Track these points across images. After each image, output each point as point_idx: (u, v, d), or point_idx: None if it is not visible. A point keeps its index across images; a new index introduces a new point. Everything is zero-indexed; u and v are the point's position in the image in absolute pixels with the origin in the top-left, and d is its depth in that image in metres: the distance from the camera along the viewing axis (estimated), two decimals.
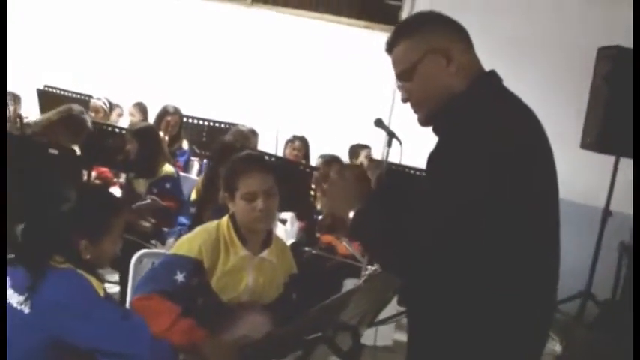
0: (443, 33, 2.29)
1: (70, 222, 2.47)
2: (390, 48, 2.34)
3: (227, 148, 4.95)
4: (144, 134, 5.79)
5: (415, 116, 2.37)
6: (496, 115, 2.17)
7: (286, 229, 6.45)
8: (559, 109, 6.95)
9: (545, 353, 5.93)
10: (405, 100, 2.35)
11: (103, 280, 2.57)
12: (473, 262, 2.07)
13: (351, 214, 2.26)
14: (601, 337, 5.65)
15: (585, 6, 7.21)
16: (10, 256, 2.52)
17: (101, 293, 2.42)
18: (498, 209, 2.05)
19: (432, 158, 2.21)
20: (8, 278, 2.52)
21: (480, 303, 2.16)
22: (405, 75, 2.31)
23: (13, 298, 2.42)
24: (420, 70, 2.26)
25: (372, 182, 2.57)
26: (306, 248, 5.69)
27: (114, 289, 5.25)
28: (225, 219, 3.21)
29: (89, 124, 5.52)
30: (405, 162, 5.20)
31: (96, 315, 2.36)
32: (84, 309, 2.35)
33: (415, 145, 2.27)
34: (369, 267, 4.42)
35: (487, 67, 2.33)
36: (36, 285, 2.36)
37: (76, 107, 5.61)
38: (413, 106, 2.34)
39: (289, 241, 5.91)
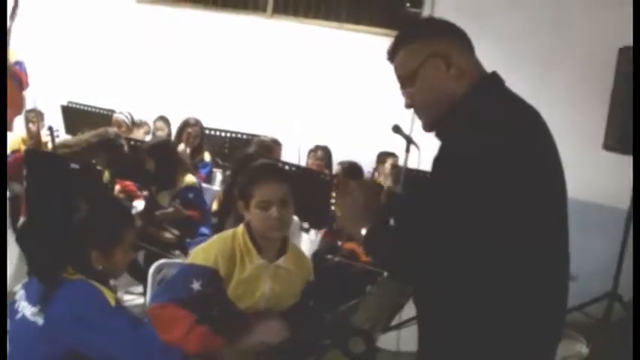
0: (442, 38, 2.30)
1: (81, 233, 2.49)
2: (392, 56, 2.36)
3: (247, 159, 4.97)
4: (158, 149, 5.86)
5: None
6: (498, 117, 2.17)
7: (310, 237, 6.46)
8: (581, 111, 6.93)
9: (572, 355, 5.92)
10: (408, 106, 2.36)
11: (114, 291, 2.59)
12: (481, 265, 2.07)
13: (364, 231, 2.27)
14: (627, 339, 5.59)
15: (607, 6, 7.16)
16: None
17: (112, 303, 2.44)
18: (504, 211, 2.05)
19: (436, 163, 2.22)
20: (23, 291, 2.55)
21: (489, 304, 2.15)
22: (406, 81, 2.32)
23: (27, 309, 2.45)
24: (421, 76, 2.28)
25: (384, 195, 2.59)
26: (329, 256, 5.70)
27: (138, 300, 5.30)
28: (240, 227, 3.23)
29: (125, 148, 5.62)
30: (424, 167, 5.20)
31: (107, 325, 2.37)
32: (95, 320, 2.37)
33: (434, 151, 2.29)
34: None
35: (511, 71, 2.33)
36: (48, 297, 2.38)
37: (112, 131, 5.70)
38: (416, 111, 2.36)
39: (313, 250, 5.94)
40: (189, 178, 5.84)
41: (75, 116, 7.52)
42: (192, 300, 2.98)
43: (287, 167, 5.56)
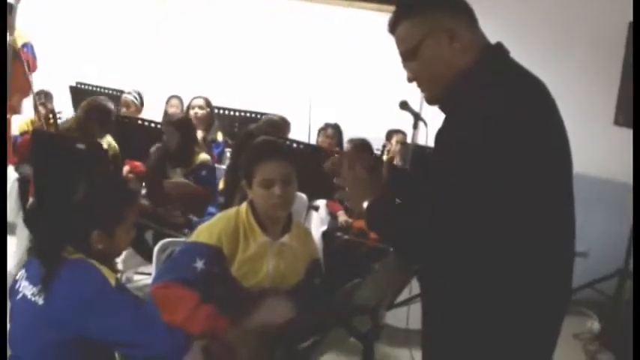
0: (445, 11, 2.25)
1: (82, 212, 2.47)
2: (392, 28, 2.32)
3: (248, 136, 4.95)
4: (183, 124, 5.90)
5: None
6: (504, 89, 2.13)
7: (320, 216, 6.44)
8: (592, 87, 6.86)
9: (583, 332, 5.91)
10: (410, 80, 2.33)
11: (115, 270, 2.57)
12: (484, 241, 2.04)
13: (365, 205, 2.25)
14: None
15: None
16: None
17: (113, 283, 2.42)
18: (509, 185, 2.01)
19: (440, 136, 2.18)
20: (24, 270, 2.54)
21: (495, 282, 2.13)
22: (408, 55, 2.28)
23: (28, 289, 2.44)
24: (424, 51, 2.24)
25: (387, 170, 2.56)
26: (338, 234, 5.69)
27: (148, 280, 5.29)
28: (244, 205, 3.21)
29: (112, 108, 5.65)
30: (432, 144, 5.15)
31: (106, 305, 2.36)
32: (94, 300, 2.35)
33: None
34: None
35: (522, 48, 2.28)
36: (48, 277, 2.37)
37: (99, 98, 5.69)
38: (419, 85, 2.32)
39: (322, 228, 5.92)
40: (203, 156, 5.84)
41: (84, 97, 7.48)
42: (195, 279, 2.96)
43: (295, 145, 5.53)
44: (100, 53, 8.93)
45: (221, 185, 5.59)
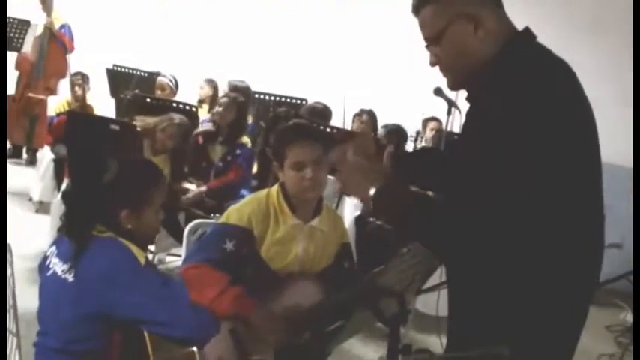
0: None
1: (111, 192, 2.49)
2: (417, 10, 2.28)
3: (276, 119, 4.98)
4: (243, 103, 6.11)
5: None
6: (532, 74, 2.09)
7: (354, 201, 6.43)
8: (608, 70, 6.77)
9: (616, 324, 5.84)
10: (433, 64, 2.29)
11: (145, 249, 2.59)
12: (514, 228, 2.02)
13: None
14: None
15: None
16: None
17: (142, 261, 2.42)
18: (538, 171, 1.99)
19: (468, 125, 2.17)
20: (54, 247, 2.56)
21: (516, 268, 2.10)
22: (432, 40, 2.25)
23: (58, 266, 2.46)
24: (448, 37, 2.20)
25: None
26: (371, 219, 5.68)
27: (180, 262, 5.33)
28: (275, 188, 3.21)
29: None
30: None
31: (135, 282, 2.37)
32: (123, 276, 2.36)
33: None
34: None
35: (538, 32, 2.25)
36: (79, 253, 2.38)
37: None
38: (441, 70, 2.29)
39: (356, 213, 5.91)
40: (245, 139, 5.99)
41: (120, 79, 7.55)
42: (225, 260, 2.98)
43: (329, 130, 5.52)
44: (135, 36, 8.98)
45: (255, 168, 5.62)
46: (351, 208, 6.07)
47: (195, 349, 2.54)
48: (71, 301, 2.39)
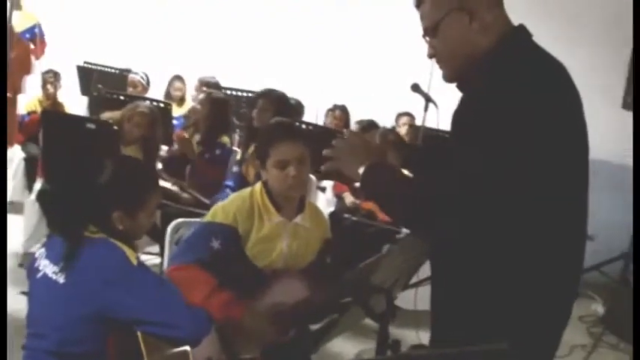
0: None
1: (106, 193, 2.49)
2: (418, 3, 2.33)
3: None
4: (222, 102, 6.11)
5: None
6: (525, 71, 2.13)
7: (327, 197, 6.46)
8: (600, 69, 6.84)
9: (588, 314, 5.92)
10: (430, 56, 2.34)
11: (136, 250, 2.58)
12: (498, 220, 2.05)
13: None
14: None
15: None
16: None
17: (134, 262, 2.43)
18: (526, 165, 2.02)
19: (458, 115, 2.20)
20: (44, 249, 2.55)
21: (502, 262, 2.14)
22: (429, 31, 2.30)
23: (48, 268, 2.44)
24: (444, 28, 2.25)
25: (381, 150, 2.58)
26: (346, 215, 5.70)
27: (155, 260, 5.32)
28: (258, 186, 3.22)
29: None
30: (443, 126, 5.17)
31: (129, 283, 2.37)
32: (116, 277, 2.36)
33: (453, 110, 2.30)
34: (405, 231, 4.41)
35: (528, 26, 2.29)
36: (71, 254, 2.38)
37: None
38: (438, 62, 2.34)
39: (329, 209, 5.94)
40: (225, 138, 5.95)
41: (91, 76, 7.49)
42: (212, 259, 2.98)
43: (303, 126, 5.54)
44: (107, 33, 8.91)
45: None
46: (324, 205, 6.09)
47: (188, 348, 2.54)
48: (64, 303, 2.38)
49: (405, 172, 2.53)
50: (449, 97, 2.64)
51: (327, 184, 6.37)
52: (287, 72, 8.30)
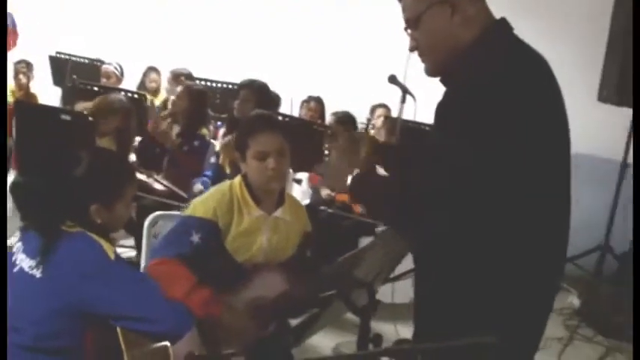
0: None
1: (83, 186, 2.45)
2: None
3: None
4: (201, 94, 6.02)
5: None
6: (506, 64, 2.14)
7: (302, 189, 6.43)
8: (576, 61, 6.86)
9: (564, 307, 5.95)
10: (412, 49, 2.33)
11: (113, 244, 2.55)
12: (482, 214, 2.05)
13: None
14: (620, 291, 5.63)
15: None
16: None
17: (112, 256, 2.40)
18: (509, 159, 2.03)
19: (441, 109, 2.19)
20: (20, 243, 2.51)
21: (486, 256, 2.14)
22: (411, 24, 2.30)
23: (25, 262, 2.41)
24: (425, 21, 2.25)
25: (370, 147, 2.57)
26: (322, 208, 5.68)
27: (130, 253, 5.28)
28: (237, 179, 3.19)
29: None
30: (420, 118, 5.16)
31: (107, 277, 2.34)
32: (94, 271, 2.33)
33: (430, 101, 2.28)
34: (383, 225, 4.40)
35: (499, 16, 2.29)
36: (48, 249, 2.34)
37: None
38: (420, 55, 2.34)
39: (305, 202, 5.91)
40: (204, 130, 5.91)
41: (63, 66, 7.41)
42: (192, 254, 2.95)
43: (281, 118, 5.52)
44: (80, 23, 8.83)
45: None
46: (299, 197, 6.07)
47: (168, 343, 2.51)
48: (40, 298, 2.35)
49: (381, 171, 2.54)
50: (425, 89, 2.63)
51: (303, 175, 6.35)
52: (261, 63, 8.26)
